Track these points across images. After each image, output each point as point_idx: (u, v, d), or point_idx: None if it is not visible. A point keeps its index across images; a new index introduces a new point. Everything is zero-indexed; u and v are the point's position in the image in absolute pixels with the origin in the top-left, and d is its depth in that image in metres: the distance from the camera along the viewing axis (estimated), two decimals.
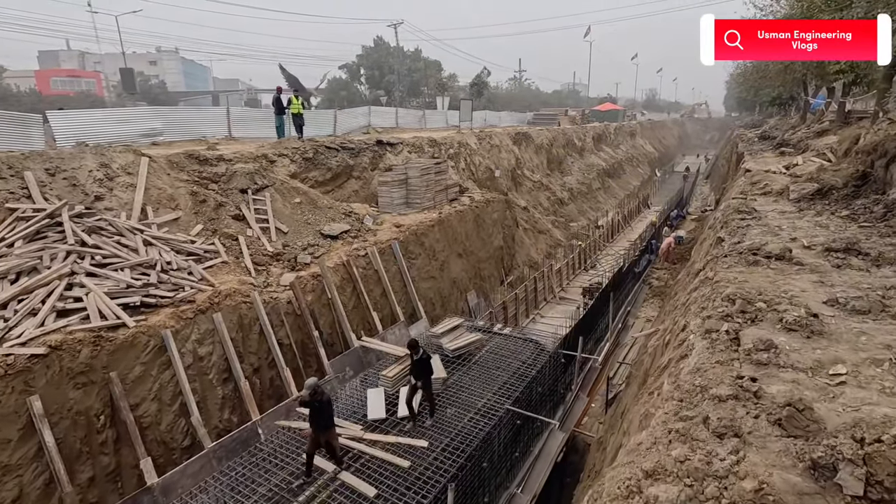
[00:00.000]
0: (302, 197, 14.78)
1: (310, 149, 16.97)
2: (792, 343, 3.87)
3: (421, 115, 32.22)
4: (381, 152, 20.02)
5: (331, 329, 11.73)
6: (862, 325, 4.11)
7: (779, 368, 3.54)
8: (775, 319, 4.16)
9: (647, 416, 3.67)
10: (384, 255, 13.87)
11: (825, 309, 4.46)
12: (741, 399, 3.16)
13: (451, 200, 19.46)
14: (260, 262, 11.72)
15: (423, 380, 8.57)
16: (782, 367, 3.55)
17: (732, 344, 3.88)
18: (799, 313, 4.12)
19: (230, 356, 9.19)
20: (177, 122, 17.80)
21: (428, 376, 8.59)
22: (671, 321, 6.27)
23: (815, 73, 18.87)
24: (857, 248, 5.78)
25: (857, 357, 3.61)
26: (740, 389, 3.23)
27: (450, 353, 10.73)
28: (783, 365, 3.56)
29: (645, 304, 20.50)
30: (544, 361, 10.95)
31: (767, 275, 5.36)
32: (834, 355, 3.61)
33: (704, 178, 55.24)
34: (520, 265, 22.78)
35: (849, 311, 4.36)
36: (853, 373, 3.41)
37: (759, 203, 9.71)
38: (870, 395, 3.11)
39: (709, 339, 4.00)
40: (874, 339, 3.86)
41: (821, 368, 3.49)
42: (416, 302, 14.11)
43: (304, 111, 17.67)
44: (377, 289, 13.29)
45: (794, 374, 3.43)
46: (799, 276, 5.32)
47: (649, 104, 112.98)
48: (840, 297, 4.55)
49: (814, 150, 14.87)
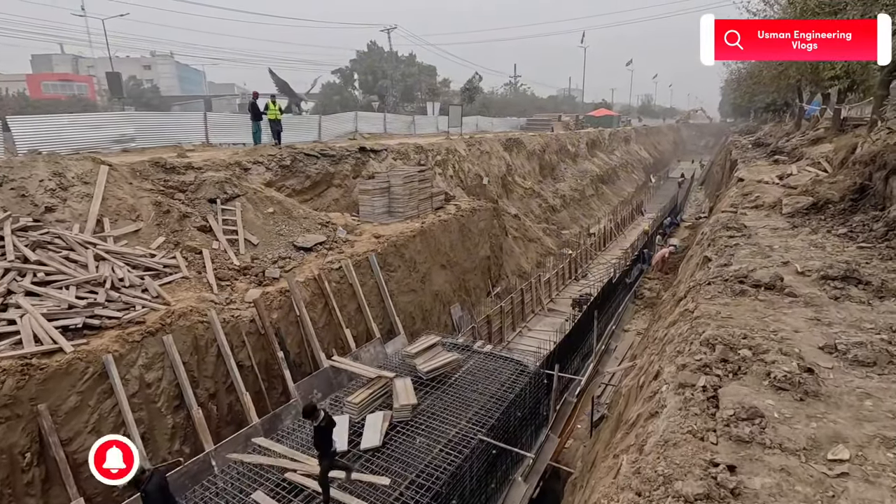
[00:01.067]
0: (276, 206, 14.13)
1: (287, 156, 16.35)
2: (782, 409, 3.22)
3: (410, 121, 31.67)
4: (364, 159, 19.42)
5: (299, 348, 11.06)
6: (866, 382, 3.47)
7: (764, 449, 2.89)
8: (762, 373, 3.53)
9: (607, 498, 3.03)
10: (361, 268, 13.23)
11: (822, 357, 3.82)
12: (714, 500, 2.51)
13: (437, 209, 18.86)
14: (224, 276, 11.06)
15: (319, 453, 6.73)
16: (769, 448, 2.90)
17: (710, 406, 3.24)
18: (790, 367, 3.48)
19: (182, 382, 8.51)
20: (151, 128, 17.16)
21: (326, 449, 6.65)
22: (647, 358, 5.66)
23: (809, 78, 18.37)
24: (856, 276, 5.16)
25: (861, 433, 2.97)
26: (713, 484, 2.57)
27: (423, 375, 10.08)
28: (770, 444, 2.92)
29: (636, 315, 19.91)
30: (524, 384, 10.31)
31: (755, 308, 4.74)
32: (833, 429, 2.98)
33: (699, 184, 54.83)
34: (508, 275, 22.17)
35: (850, 361, 3.73)
36: (857, 458, 2.76)
37: (749, 218, 9.10)
38: (880, 494, 2.48)
39: (682, 395, 3.37)
40: (882, 405, 3.21)
41: (817, 450, 2.85)
42: (393, 317, 13.46)
43: (281, 117, 17.02)
44: (352, 304, 12.64)
45: (784, 459, 2.79)
46: (791, 310, 4.72)
47: (644, 110, 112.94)
48: (840, 342, 3.93)
49: (808, 159, 14.34)
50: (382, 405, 9.36)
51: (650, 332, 8.37)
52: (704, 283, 5.59)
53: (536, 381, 11.00)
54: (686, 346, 4.06)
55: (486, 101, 65.65)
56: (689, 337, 4.22)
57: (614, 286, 19.23)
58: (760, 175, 13.92)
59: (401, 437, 8.57)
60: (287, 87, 44.81)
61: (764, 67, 23.12)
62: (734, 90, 46.46)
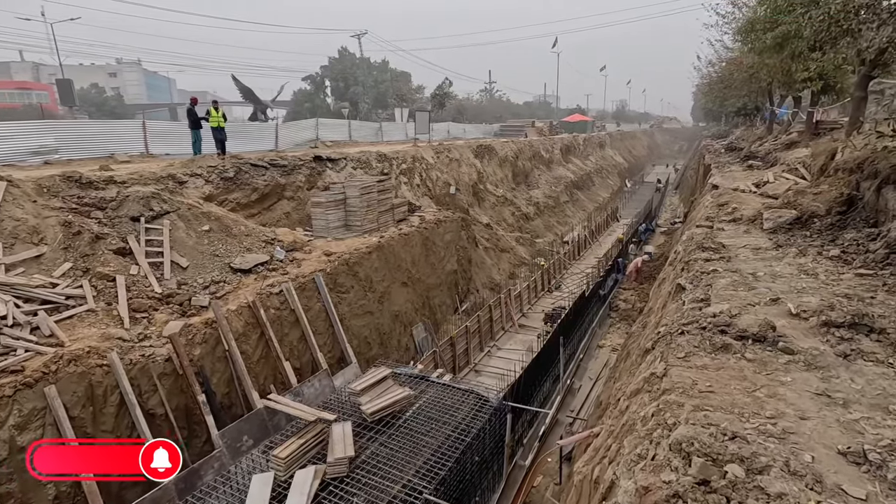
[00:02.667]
0: (213, 223, 12.74)
1: (231, 167, 14.97)
2: None
3: (378, 128, 30.47)
4: (319, 169, 18.13)
5: (228, 387, 9.71)
6: None
7: None
8: None
9: None
10: (306, 291, 11.94)
11: (846, 476, 2.63)
12: None
13: (399, 221, 17.68)
14: (141, 307, 9.64)
15: None
16: None
17: None
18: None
19: None
20: (79, 138, 15.60)
21: None
22: (604, 440, 4.55)
23: (781, 81, 17.88)
24: (866, 322, 4.13)
25: None
26: None
27: (367, 417, 8.83)
28: None
29: (612, 329, 18.98)
30: (483, 422, 9.16)
31: (743, 374, 3.67)
32: None
33: (674, 188, 54.86)
34: (479, 288, 21.07)
35: (890, 484, 2.61)
36: None
37: (727, 234, 8.13)
38: None
39: None
40: None
41: None
42: (344, 344, 12.18)
43: (224, 124, 15.64)
44: (295, 332, 11.32)
45: None
46: (791, 376, 3.66)
47: (619, 115, 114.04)
48: (867, 444, 2.83)
49: (784, 165, 13.63)
50: (317, 457, 8.07)
51: (613, 389, 7.24)
52: (676, 333, 4.52)
53: (499, 416, 9.88)
54: (650, 449, 2.95)
55: (461, 108, 64.99)
56: (654, 431, 3.10)
57: (587, 300, 18.26)
58: (736, 182, 13.13)
59: (334, 498, 7.30)
60: (252, 93, 43.30)
61: (735, 70, 22.65)
62: (705, 94, 46.49)
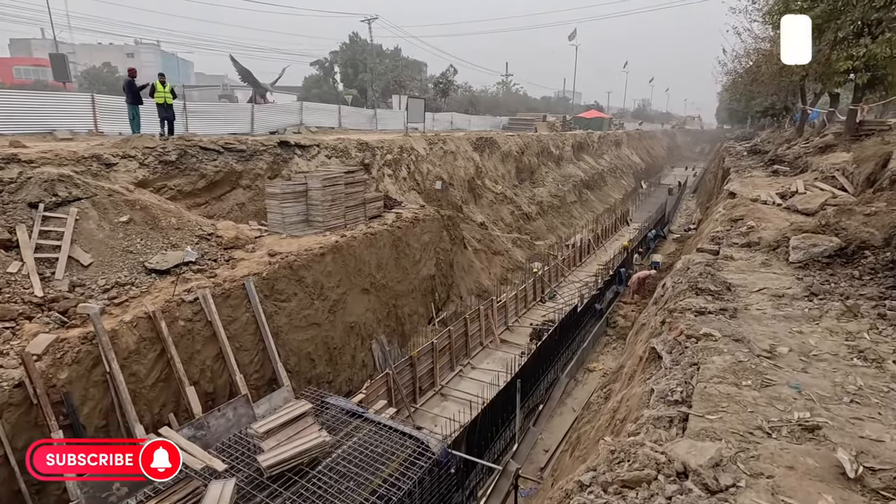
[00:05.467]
0: (137, 213, 10.96)
1: (173, 149, 13.17)
2: None
3: (372, 116, 28.54)
4: (285, 156, 16.27)
5: (106, 419, 7.92)
6: None
7: None
8: None
9: None
10: (232, 299, 10.10)
11: None
12: None
13: (372, 218, 15.75)
14: (6, 314, 7.89)
15: None
16: None
17: None
18: None
19: None
20: (13, 112, 13.96)
21: None
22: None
23: (818, 72, 15.25)
24: None
25: None
26: None
27: (265, 471, 6.95)
28: None
29: (605, 349, 16.87)
30: (416, 479, 7.24)
31: None
32: None
33: (691, 192, 51.99)
34: (463, 295, 19.09)
35: None
36: None
37: (738, 266, 5.88)
38: None
39: None
40: None
41: None
42: (276, 363, 10.33)
43: (173, 101, 13.83)
44: (210, 349, 9.50)
45: None
46: None
47: (639, 114, 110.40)
48: None
49: (817, 171, 11.34)
50: None
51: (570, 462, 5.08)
52: (615, 490, 2.56)
53: (441, 470, 7.97)
54: None
55: (474, 100, 62.68)
56: None
57: (579, 316, 16.16)
58: (756, 191, 10.90)
59: None
60: (250, 75, 41.61)
61: (763, 63, 20.16)
62: (729, 91, 43.51)
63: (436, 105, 43.30)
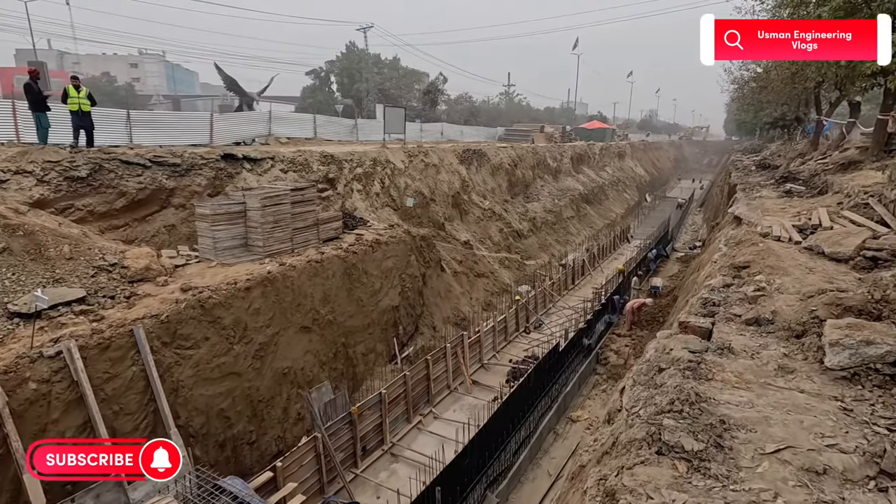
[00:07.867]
0: (17, 241, 9.14)
1: (84, 164, 11.38)
2: None
3: (352, 126, 26.79)
4: (231, 171, 14.45)
5: None
6: None
7: None
8: None
9: None
10: (114, 350, 8.18)
11: None
12: None
13: (328, 240, 13.87)
14: None
15: None
16: None
17: None
18: None
19: None
20: None
21: None
22: None
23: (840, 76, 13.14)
24: None
25: None
26: None
27: None
28: None
29: (594, 392, 14.76)
30: None
31: None
32: None
33: (698, 206, 49.74)
34: (436, 325, 17.09)
35: None
36: None
37: (737, 370, 3.38)
38: None
39: None
40: None
41: None
42: (168, 428, 8.37)
43: (90, 108, 12.07)
44: (74, 417, 7.57)
45: None
46: None
47: (645, 125, 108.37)
48: None
49: (842, 195, 9.28)
50: None
51: None
52: None
53: None
54: None
55: (474, 110, 61.01)
56: None
57: (561, 355, 14.07)
58: (767, 217, 8.88)
59: None
60: (236, 84, 40.17)
61: (774, 67, 18.19)
62: (736, 102, 41.34)
63: (425, 115, 41.57)
